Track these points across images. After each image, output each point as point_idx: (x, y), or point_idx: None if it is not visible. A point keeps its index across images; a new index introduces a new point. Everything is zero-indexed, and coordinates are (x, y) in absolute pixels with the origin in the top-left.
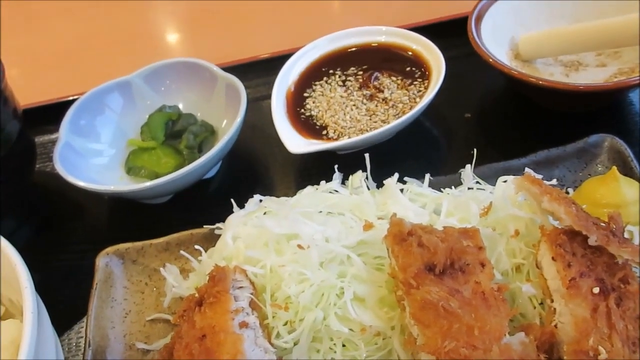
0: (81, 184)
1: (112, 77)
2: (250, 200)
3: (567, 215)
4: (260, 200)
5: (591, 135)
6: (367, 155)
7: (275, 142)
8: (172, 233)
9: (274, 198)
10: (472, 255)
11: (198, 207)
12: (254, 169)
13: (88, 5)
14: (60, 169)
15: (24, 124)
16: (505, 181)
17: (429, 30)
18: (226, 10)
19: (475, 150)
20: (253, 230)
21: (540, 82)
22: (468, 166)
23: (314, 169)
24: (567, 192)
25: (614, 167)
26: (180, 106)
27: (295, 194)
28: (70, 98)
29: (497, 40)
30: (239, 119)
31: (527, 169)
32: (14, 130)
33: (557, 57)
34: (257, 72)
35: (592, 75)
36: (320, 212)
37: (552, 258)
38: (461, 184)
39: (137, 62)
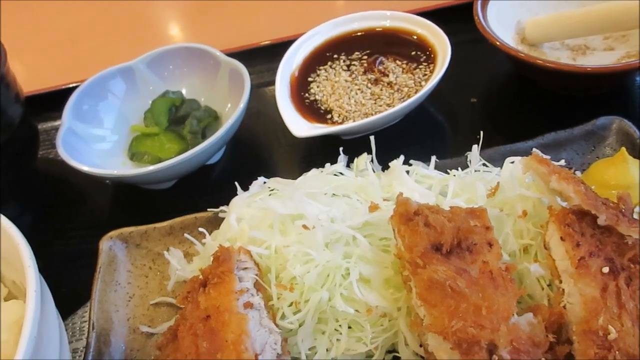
0: (85, 168)
1: (114, 63)
2: (254, 182)
3: (576, 194)
4: (265, 182)
5: (599, 117)
6: (372, 138)
7: (279, 127)
8: (176, 217)
9: (278, 179)
10: (480, 235)
11: (202, 192)
12: (258, 154)
13: None
14: (63, 153)
15: (28, 110)
16: (512, 162)
17: (435, 15)
18: None
19: (482, 132)
20: (257, 212)
21: (548, 64)
22: (475, 147)
23: (319, 154)
24: (575, 174)
25: (623, 149)
26: (184, 92)
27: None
28: (72, 85)
29: (503, 24)
30: (243, 104)
31: (534, 149)
32: (16, 115)
33: (564, 41)
34: (261, 58)
35: (599, 59)
36: (325, 193)
37: (561, 238)
38: (467, 166)
39: (140, 48)
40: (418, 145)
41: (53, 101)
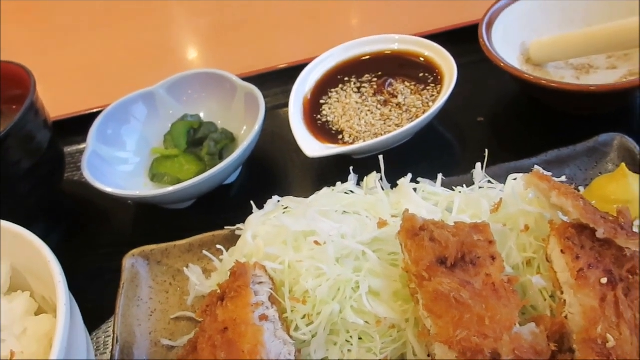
0: (108, 189)
1: (135, 88)
2: (268, 201)
3: (574, 208)
4: (279, 201)
5: (601, 134)
6: (380, 157)
7: (292, 147)
8: (194, 235)
9: (292, 197)
10: (483, 248)
11: (219, 211)
12: (273, 173)
13: (113, 21)
14: (88, 175)
15: (55, 135)
16: (515, 179)
17: (441, 37)
18: (244, 24)
19: (487, 150)
20: (272, 229)
21: (552, 85)
22: (478, 165)
23: (331, 174)
24: (578, 190)
25: (623, 164)
26: (202, 115)
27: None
28: (95, 110)
29: (508, 45)
30: (258, 126)
31: (535, 166)
32: (45, 139)
33: (568, 61)
34: (275, 82)
35: (602, 77)
36: (336, 211)
37: (561, 251)
38: (473, 183)
39: (160, 73)
40: (426, 163)
41: (77, 125)
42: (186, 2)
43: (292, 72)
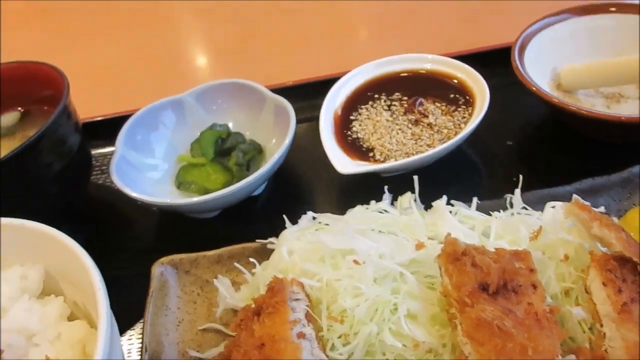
0: (138, 196)
1: (161, 95)
2: (303, 216)
3: (617, 241)
4: (314, 218)
5: (635, 165)
6: (416, 177)
7: (319, 162)
8: (219, 246)
9: (329, 214)
10: (524, 276)
11: (244, 222)
12: (299, 187)
13: (140, 27)
14: (117, 180)
15: (84, 138)
16: (553, 207)
17: (470, 58)
18: (273, 36)
19: (520, 176)
20: (308, 245)
21: (582, 112)
22: (517, 191)
23: (357, 190)
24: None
25: None
26: (230, 125)
27: (339, 213)
28: (121, 115)
29: (539, 70)
30: (288, 140)
31: (575, 196)
32: (75, 143)
33: (599, 89)
34: (303, 95)
35: (632, 107)
36: (373, 229)
37: (603, 283)
38: (506, 208)
39: (185, 80)
40: (455, 186)
41: (102, 128)
42: (212, 11)
43: (316, 87)
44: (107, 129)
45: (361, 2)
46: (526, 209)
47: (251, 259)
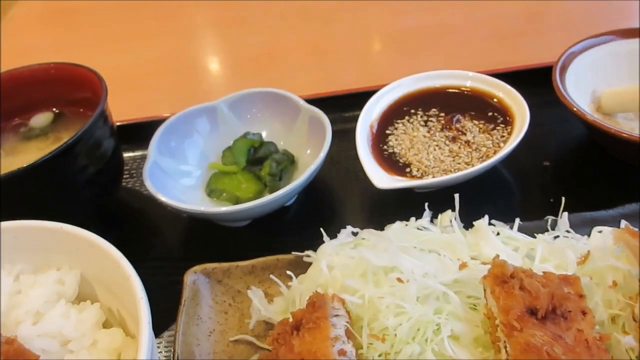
0: (171, 202)
1: (190, 103)
2: (342, 230)
3: None
4: (354, 233)
5: None
6: (456, 195)
7: (351, 174)
8: (248, 256)
9: (372, 230)
10: (574, 302)
11: (275, 233)
12: (330, 200)
13: (172, 33)
14: (150, 186)
15: (119, 142)
16: (600, 231)
17: (508, 76)
18: (303, 46)
19: (563, 198)
20: (348, 260)
21: (623, 135)
22: (565, 214)
23: (390, 205)
24: None
25: None
26: (263, 134)
27: (372, 227)
28: (150, 120)
29: (579, 92)
30: (323, 153)
31: (624, 221)
32: (110, 147)
33: (638, 113)
34: (337, 107)
35: None
36: (415, 247)
37: None
38: (546, 230)
39: (217, 89)
40: (490, 205)
41: (131, 133)
42: (244, 22)
43: (348, 100)
44: (137, 133)
45: (391, 17)
46: (569, 231)
47: (288, 272)
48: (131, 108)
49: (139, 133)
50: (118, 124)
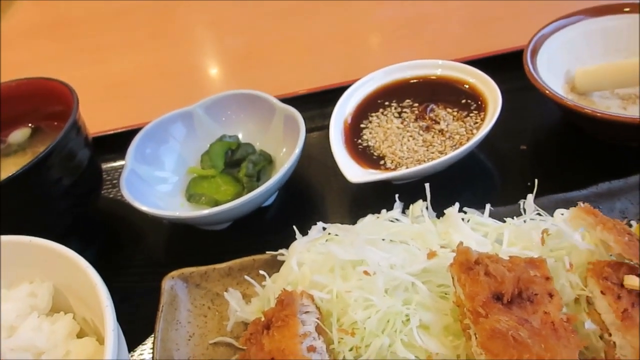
0: (147, 209)
1: (171, 108)
2: (313, 227)
3: (617, 243)
4: (324, 228)
5: None
6: (427, 185)
7: (330, 171)
8: (230, 258)
9: (339, 225)
10: (540, 285)
11: (255, 234)
12: (309, 197)
13: (147, 39)
14: (127, 195)
15: (94, 153)
16: (562, 214)
17: (483, 63)
18: (282, 43)
19: (536, 181)
20: (318, 256)
21: (597, 114)
22: (530, 196)
23: (369, 198)
24: (630, 225)
25: None
26: (240, 136)
27: (351, 222)
28: (131, 128)
29: (553, 73)
30: (298, 149)
31: (583, 203)
32: (85, 157)
33: (614, 91)
34: (312, 104)
35: None
36: (383, 239)
37: (601, 292)
38: (521, 214)
39: (196, 92)
40: (468, 191)
41: (112, 142)
42: (222, 24)
43: (327, 95)
44: (117, 143)
45: (369, 9)
46: (540, 214)
47: (261, 271)
48: (115, 117)
49: (120, 143)
50: (98, 134)
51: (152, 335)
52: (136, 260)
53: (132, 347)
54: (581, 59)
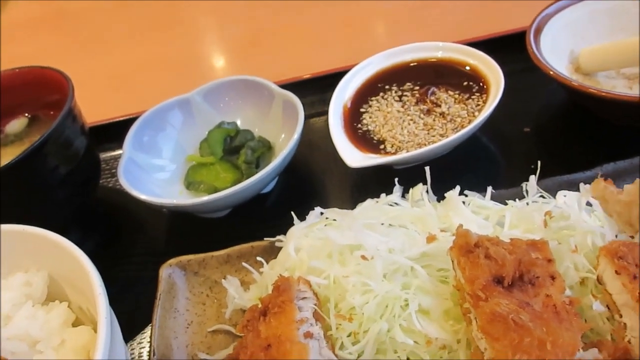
0: (145, 197)
1: (170, 95)
2: (311, 212)
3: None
4: (322, 213)
5: None
6: (427, 168)
7: (330, 156)
8: (229, 246)
9: (336, 209)
10: (542, 267)
11: (256, 220)
12: (310, 183)
13: (148, 29)
14: (125, 183)
15: (91, 141)
16: (565, 195)
17: (486, 45)
18: (282, 29)
19: (539, 162)
20: (315, 242)
21: (602, 94)
22: (532, 177)
23: (371, 183)
24: None
25: None
26: (239, 122)
27: (350, 208)
28: (130, 117)
29: (557, 53)
30: (296, 135)
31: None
32: (82, 146)
33: (619, 70)
34: (313, 89)
35: None
36: (383, 224)
37: (616, 272)
38: (523, 197)
39: (195, 81)
40: (471, 175)
41: (112, 132)
42: (220, 10)
43: (328, 80)
44: (116, 132)
45: None
46: (543, 196)
47: (258, 258)
48: (115, 106)
49: (118, 131)
50: (96, 124)
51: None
52: (136, 249)
53: (132, 335)
54: (586, 39)
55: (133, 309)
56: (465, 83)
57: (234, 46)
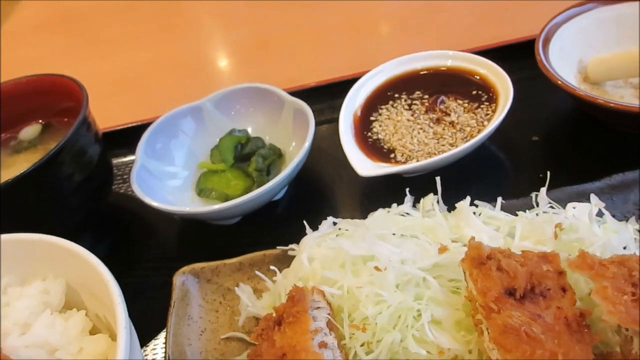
0: (156, 204)
1: (180, 102)
2: (323, 222)
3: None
4: (334, 223)
5: None
6: (438, 178)
7: (340, 164)
8: (240, 253)
9: (349, 220)
10: (553, 280)
11: (266, 228)
12: (320, 191)
13: (156, 32)
14: (138, 190)
15: (105, 148)
16: (574, 207)
17: (494, 53)
18: (290, 33)
19: (548, 173)
20: (328, 252)
21: (610, 104)
22: (543, 189)
23: (380, 192)
24: None
25: None
26: (249, 130)
27: (361, 216)
28: (141, 123)
29: (565, 62)
30: (307, 143)
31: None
32: (95, 153)
33: (628, 80)
34: (322, 97)
35: None
36: (394, 234)
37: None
38: (533, 207)
39: (204, 83)
40: (480, 184)
41: (123, 137)
42: (228, 13)
43: (337, 88)
44: (127, 138)
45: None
46: (553, 207)
47: (272, 267)
48: (125, 112)
49: (130, 137)
50: (108, 130)
51: (165, 330)
52: (148, 255)
53: (145, 341)
54: (594, 48)
55: (144, 315)
56: (475, 92)
57: (242, 49)
